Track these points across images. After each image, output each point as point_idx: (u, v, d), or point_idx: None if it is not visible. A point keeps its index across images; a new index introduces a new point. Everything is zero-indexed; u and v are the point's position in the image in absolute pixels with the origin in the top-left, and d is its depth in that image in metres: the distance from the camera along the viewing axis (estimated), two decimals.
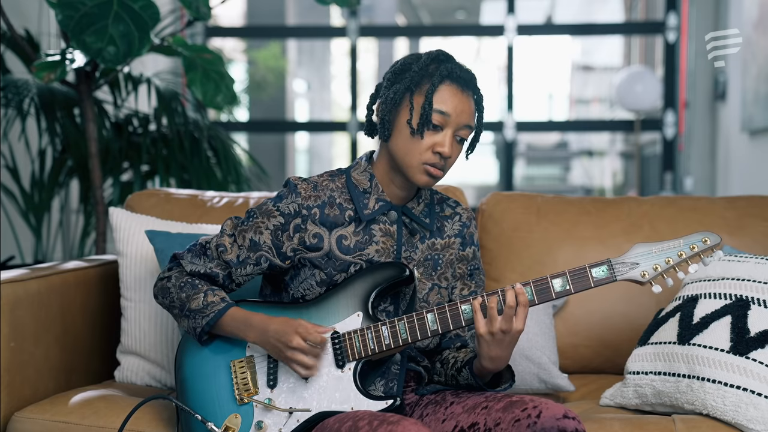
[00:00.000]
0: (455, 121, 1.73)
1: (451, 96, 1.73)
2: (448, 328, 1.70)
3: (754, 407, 1.78)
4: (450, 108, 1.73)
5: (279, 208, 1.78)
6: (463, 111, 1.74)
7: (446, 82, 1.73)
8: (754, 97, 4.37)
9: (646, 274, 1.66)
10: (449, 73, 1.73)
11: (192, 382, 1.79)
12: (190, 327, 1.78)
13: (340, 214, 1.78)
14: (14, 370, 2.03)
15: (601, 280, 1.67)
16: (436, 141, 1.73)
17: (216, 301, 1.76)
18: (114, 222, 2.32)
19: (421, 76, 1.74)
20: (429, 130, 1.73)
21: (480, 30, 10.33)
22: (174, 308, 1.80)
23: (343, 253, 1.77)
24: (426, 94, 1.72)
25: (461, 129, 1.75)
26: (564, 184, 14.83)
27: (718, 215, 2.34)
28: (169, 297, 1.80)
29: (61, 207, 3.81)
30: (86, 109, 2.97)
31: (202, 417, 1.72)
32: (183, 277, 1.80)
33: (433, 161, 1.73)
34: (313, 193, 1.78)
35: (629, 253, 1.67)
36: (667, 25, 5.42)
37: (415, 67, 1.75)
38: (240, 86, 6.66)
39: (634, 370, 1.98)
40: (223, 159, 3.47)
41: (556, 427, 1.55)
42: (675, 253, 1.66)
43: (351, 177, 1.82)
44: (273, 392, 1.74)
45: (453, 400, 1.74)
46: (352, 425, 1.60)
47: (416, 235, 1.83)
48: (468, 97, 1.75)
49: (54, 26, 3.89)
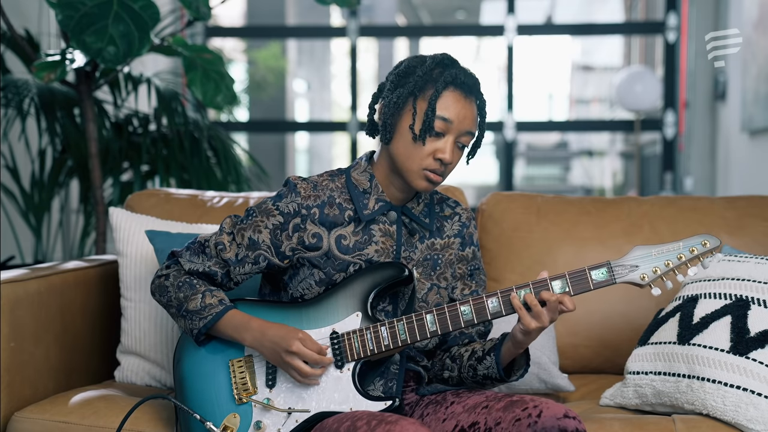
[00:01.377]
0: (457, 128, 1.73)
1: (455, 102, 1.72)
2: (447, 330, 1.70)
3: (754, 407, 1.78)
4: (453, 114, 1.72)
5: (278, 207, 1.78)
6: (466, 117, 1.73)
7: (450, 88, 1.72)
8: (754, 97, 4.37)
9: (645, 277, 1.65)
10: (453, 78, 1.73)
11: (190, 382, 1.79)
12: (187, 327, 1.78)
13: (339, 214, 1.78)
14: (14, 370, 2.03)
15: (601, 282, 1.67)
16: (438, 147, 1.72)
17: (214, 303, 1.76)
18: (114, 222, 2.32)
19: (425, 81, 1.73)
20: (431, 137, 1.72)
21: (480, 30, 10.34)
22: (171, 307, 1.80)
23: (342, 253, 1.77)
24: (429, 100, 1.71)
25: (463, 135, 1.74)
26: (564, 184, 14.83)
27: (718, 215, 2.33)
28: (167, 295, 1.80)
29: (61, 207, 3.81)
30: (86, 109, 2.97)
31: (201, 416, 1.72)
32: (181, 276, 1.80)
33: (434, 167, 1.73)
34: (312, 193, 1.78)
35: (629, 255, 1.67)
36: (667, 25, 5.42)
37: (419, 71, 1.74)
38: (240, 86, 6.67)
39: (634, 370, 1.98)
40: (223, 159, 3.47)
41: (557, 426, 1.55)
42: (674, 255, 1.66)
43: (351, 177, 1.81)
44: (272, 392, 1.74)
45: (453, 399, 1.74)
46: (350, 425, 1.60)
47: (416, 235, 1.83)
48: (471, 102, 1.75)
49: (54, 26, 3.89)
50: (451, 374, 1.85)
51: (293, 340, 1.69)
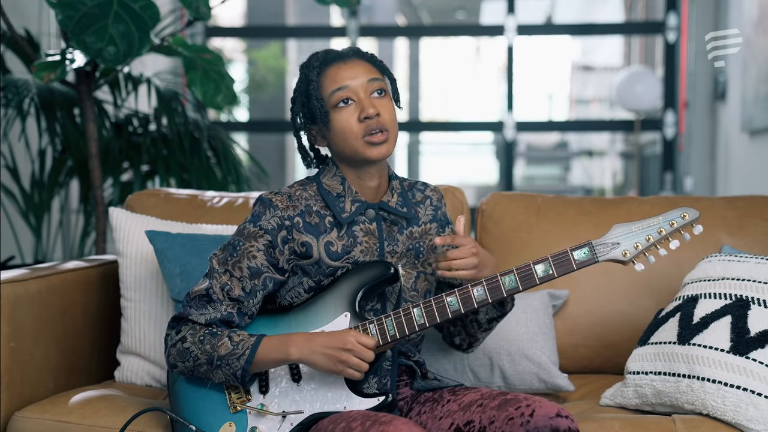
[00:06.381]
0: (357, 85, 1.75)
1: (337, 71, 1.76)
2: (435, 321, 1.70)
3: (754, 407, 1.78)
4: (342, 79, 1.75)
5: (261, 227, 1.75)
6: (357, 73, 1.76)
7: (325, 68, 1.77)
8: (754, 97, 4.37)
9: (627, 253, 1.67)
10: (323, 59, 1.78)
11: (185, 394, 1.79)
12: (228, 374, 1.70)
13: (320, 222, 1.78)
14: (14, 370, 2.03)
15: (584, 262, 1.68)
16: (356, 111, 1.74)
17: (244, 338, 1.71)
18: (114, 222, 2.32)
19: (308, 82, 1.78)
20: (342, 107, 1.74)
21: (480, 30, 10.34)
22: (201, 366, 1.72)
23: (332, 260, 1.77)
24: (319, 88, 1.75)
25: (369, 86, 1.75)
26: (564, 184, 14.83)
27: (718, 215, 2.33)
28: (191, 356, 1.72)
29: (61, 207, 3.81)
30: (86, 109, 2.97)
31: (197, 427, 1.72)
32: (199, 331, 1.73)
33: (369, 129, 1.73)
34: (289, 204, 1.77)
35: (609, 233, 1.68)
36: (667, 25, 5.41)
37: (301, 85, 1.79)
38: (240, 86, 6.66)
39: (634, 370, 1.98)
40: (223, 159, 3.47)
41: (549, 426, 1.56)
42: (655, 230, 1.67)
43: (322, 184, 1.81)
44: (265, 398, 1.74)
45: (450, 398, 1.75)
46: (345, 426, 1.61)
47: (395, 226, 1.83)
48: (353, 62, 1.77)
49: (54, 26, 3.89)
50: (460, 337, 1.90)
51: (348, 337, 1.66)
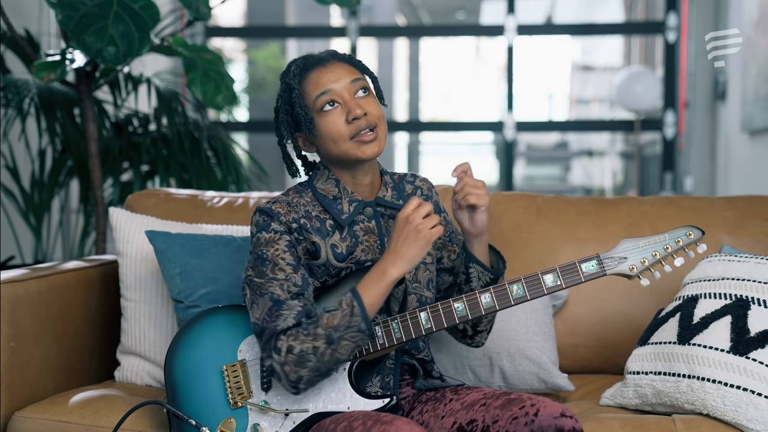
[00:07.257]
0: (341, 87, 1.74)
1: (318, 76, 1.75)
2: (442, 326, 1.70)
3: (754, 407, 1.78)
4: (324, 83, 1.74)
5: (275, 230, 1.74)
6: (339, 76, 1.75)
7: (306, 74, 1.76)
8: (754, 97, 4.37)
9: (634, 268, 1.70)
10: (303, 66, 1.77)
11: (183, 388, 1.78)
12: (353, 336, 1.64)
13: (321, 226, 1.78)
14: (14, 370, 2.03)
15: (591, 274, 1.70)
16: (342, 113, 1.73)
17: (342, 300, 1.66)
18: (114, 222, 2.32)
19: (290, 89, 1.77)
20: (328, 110, 1.73)
21: (480, 30, 10.33)
22: (324, 354, 1.64)
23: (338, 261, 1.78)
24: (301, 94, 1.75)
25: (352, 86, 1.75)
26: (564, 184, 14.84)
27: (718, 215, 2.33)
28: (309, 352, 1.64)
29: (61, 207, 3.81)
30: (86, 109, 2.97)
31: (197, 422, 1.72)
32: (301, 332, 1.65)
33: (357, 129, 1.73)
34: (290, 209, 1.77)
35: (617, 248, 1.72)
36: (667, 25, 5.42)
37: (284, 94, 1.78)
38: (240, 86, 6.66)
39: (634, 370, 1.98)
40: (223, 159, 3.47)
41: (554, 425, 1.56)
42: (661, 247, 1.71)
43: (317, 189, 1.81)
44: (268, 395, 1.74)
45: (452, 397, 1.75)
46: (347, 426, 1.61)
47: (393, 220, 1.83)
48: (333, 65, 1.77)
49: (54, 26, 3.89)
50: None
51: (400, 217, 1.66)
